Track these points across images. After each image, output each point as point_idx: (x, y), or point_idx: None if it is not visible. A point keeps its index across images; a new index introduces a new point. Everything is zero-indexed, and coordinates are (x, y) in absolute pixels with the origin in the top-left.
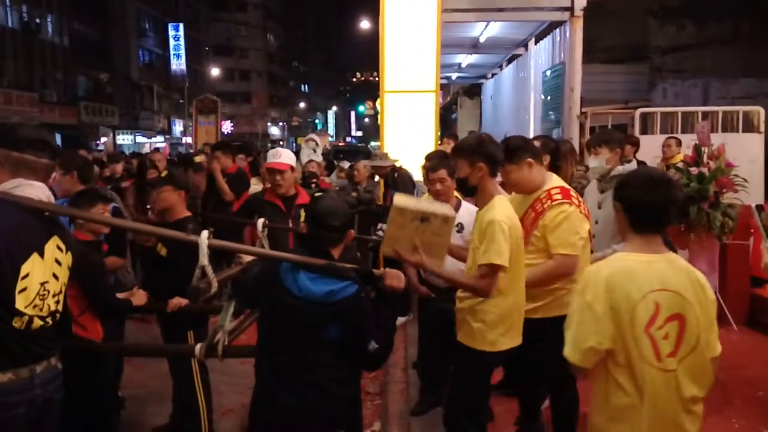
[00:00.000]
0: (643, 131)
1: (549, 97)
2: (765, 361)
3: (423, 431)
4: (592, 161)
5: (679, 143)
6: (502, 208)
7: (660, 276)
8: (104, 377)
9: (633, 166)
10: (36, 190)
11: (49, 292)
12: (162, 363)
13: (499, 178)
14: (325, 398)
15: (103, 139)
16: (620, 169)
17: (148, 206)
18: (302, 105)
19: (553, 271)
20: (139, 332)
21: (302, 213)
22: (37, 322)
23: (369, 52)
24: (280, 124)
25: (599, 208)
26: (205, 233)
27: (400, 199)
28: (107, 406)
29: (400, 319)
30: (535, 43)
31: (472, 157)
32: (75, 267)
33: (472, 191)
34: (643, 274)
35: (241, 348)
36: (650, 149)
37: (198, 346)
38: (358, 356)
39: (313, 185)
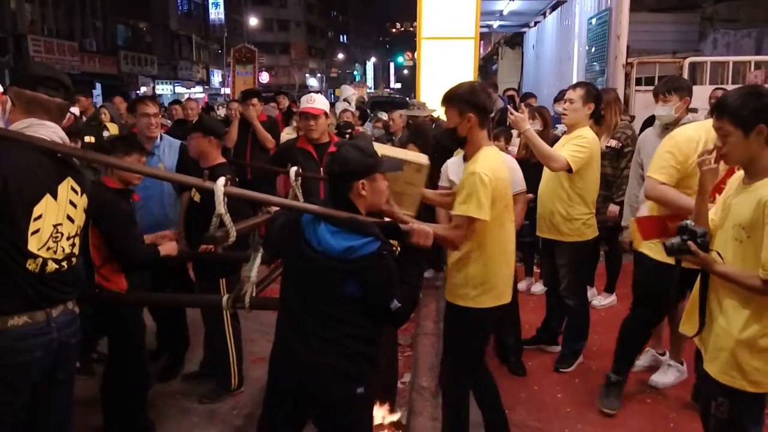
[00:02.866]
0: (692, 82)
1: (593, 48)
2: None
3: None
4: (660, 109)
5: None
6: (486, 159)
7: None
8: (132, 328)
9: (700, 116)
10: (48, 130)
11: (62, 234)
12: (194, 311)
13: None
14: (344, 355)
15: (143, 89)
16: (689, 117)
17: None
18: (341, 56)
19: None
20: None
21: None
22: (52, 266)
23: (409, 2)
24: (318, 75)
25: None
26: (222, 180)
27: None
28: (138, 356)
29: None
30: None
31: (462, 107)
32: (100, 215)
33: (461, 142)
34: None
35: (269, 299)
36: (698, 100)
37: (225, 298)
38: (379, 314)
39: (348, 135)
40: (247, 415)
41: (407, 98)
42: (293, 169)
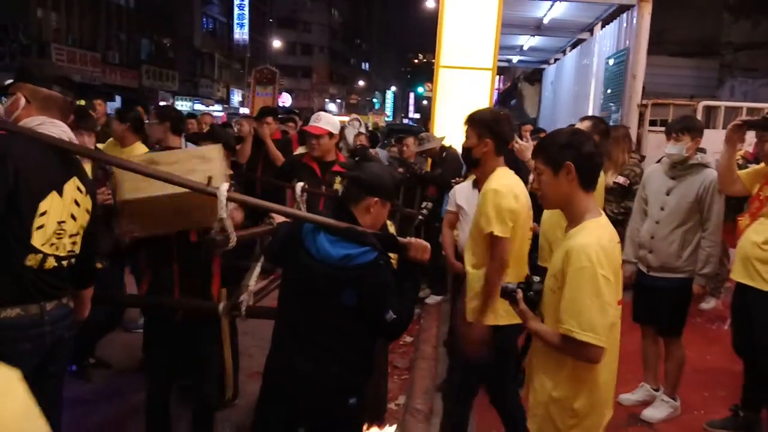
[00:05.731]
0: (706, 126)
1: (609, 90)
2: None
3: None
4: (672, 147)
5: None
6: (502, 177)
7: None
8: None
9: (708, 156)
10: (59, 129)
11: (65, 231)
12: None
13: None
14: (339, 364)
15: (162, 104)
16: (698, 157)
17: None
18: (361, 83)
19: None
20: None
21: (337, 180)
22: (51, 262)
23: (431, 34)
24: (338, 101)
25: (668, 194)
26: (225, 185)
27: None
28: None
29: (436, 298)
30: (601, 28)
31: (482, 131)
32: None
33: (475, 163)
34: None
35: (266, 309)
36: (713, 144)
37: (221, 305)
38: (375, 325)
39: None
40: (240, 428)
41: (423, 127)
42: (299, 185)
